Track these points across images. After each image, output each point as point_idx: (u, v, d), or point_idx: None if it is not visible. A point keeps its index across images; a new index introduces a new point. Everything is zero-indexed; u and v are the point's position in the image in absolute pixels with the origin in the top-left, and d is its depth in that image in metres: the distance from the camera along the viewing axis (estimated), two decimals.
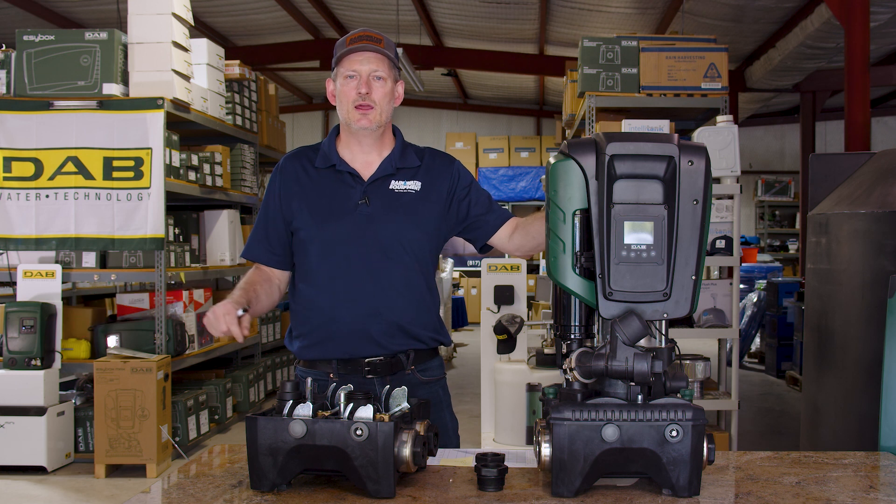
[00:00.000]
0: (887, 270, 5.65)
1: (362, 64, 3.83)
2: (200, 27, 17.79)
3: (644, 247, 2.71)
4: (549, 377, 6.99)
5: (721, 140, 7.70)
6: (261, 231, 4.04)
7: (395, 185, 3.93)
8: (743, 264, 17.31)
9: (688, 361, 7.36)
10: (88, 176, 9.11)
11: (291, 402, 2.88)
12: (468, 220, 4.05)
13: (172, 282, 9.58)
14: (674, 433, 2.68)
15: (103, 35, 9.20)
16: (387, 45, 3.87)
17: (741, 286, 15.07)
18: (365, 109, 3.83)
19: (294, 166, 4.02)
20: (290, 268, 4.04)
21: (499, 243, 4.11)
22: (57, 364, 8.90)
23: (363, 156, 3.97)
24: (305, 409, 2.84)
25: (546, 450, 2.73)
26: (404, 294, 3.89)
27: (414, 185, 3.95)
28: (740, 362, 14.75)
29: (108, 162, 9.11)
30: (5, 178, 9.19)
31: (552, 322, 3.07)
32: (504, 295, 8.01)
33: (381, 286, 3.85)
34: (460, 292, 22.30)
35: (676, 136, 2.81)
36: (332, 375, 3.89)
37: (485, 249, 4.17)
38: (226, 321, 3.50)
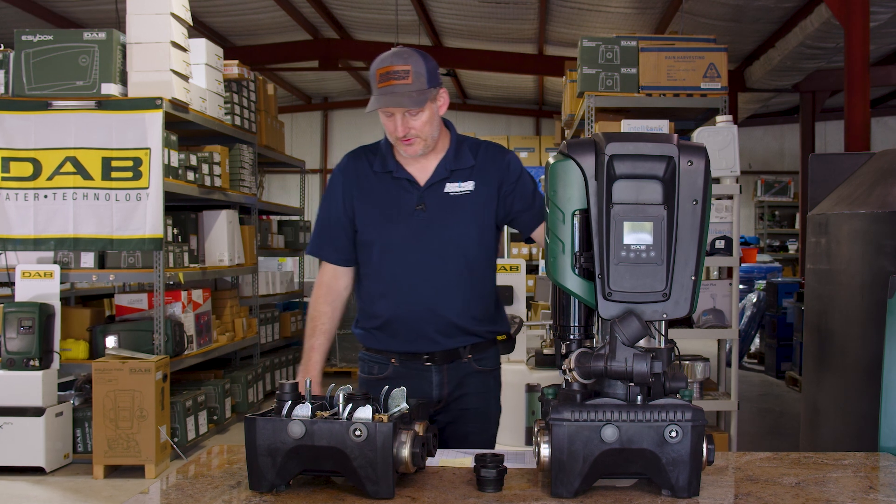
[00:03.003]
0: (887, 271, 5.65)
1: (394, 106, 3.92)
2: (199, 27, 17.78)
3: (643, 247, 2.71)
4: (548, 377, 7.00)
5: (720, 140, 7.69)
6: (325, 230, 4.25)
7: (451, 187, 4.11)
8: (742, 265, 17.30)
9: (687, 362, 7.36)
10: (87, 176, 9.10)
11: (290, 402, 2.89)
12: (511, 215, 4.22)
13: (171, 282, 9.57)
14: (673, 434, 2.68)
15: (102, 35, 9.19)
16: (415, 76, 3.88)
17: (741, 286, 15.05)
18: (408, 141, 3.98)
19: (354, 167, 4.21)
20: (354, 263, 4.24)
21: (538, 240, 4.28)
22: (55, 364, 8.90)
23: (419, 160, 4.14)
24: (304, 410, 2.85)
25: (545, 450, 2.73)
26: (460, 294, 4.10)
27: (468, 186, 4.11)
28: (740, 363, 14.76)
29: (106, 162, 9.10)
30: (4, 179, 9.18)
31: (551, 322, 3.07)
32: (503, 295, 7.99)
33: (437, 287, 4.06)
34: None
35: (676, 136, 2.81)
36: (393, 361, 4.16)
37: (529, 241, 4.39)
38: None
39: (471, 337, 4.15)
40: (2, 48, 9.59)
